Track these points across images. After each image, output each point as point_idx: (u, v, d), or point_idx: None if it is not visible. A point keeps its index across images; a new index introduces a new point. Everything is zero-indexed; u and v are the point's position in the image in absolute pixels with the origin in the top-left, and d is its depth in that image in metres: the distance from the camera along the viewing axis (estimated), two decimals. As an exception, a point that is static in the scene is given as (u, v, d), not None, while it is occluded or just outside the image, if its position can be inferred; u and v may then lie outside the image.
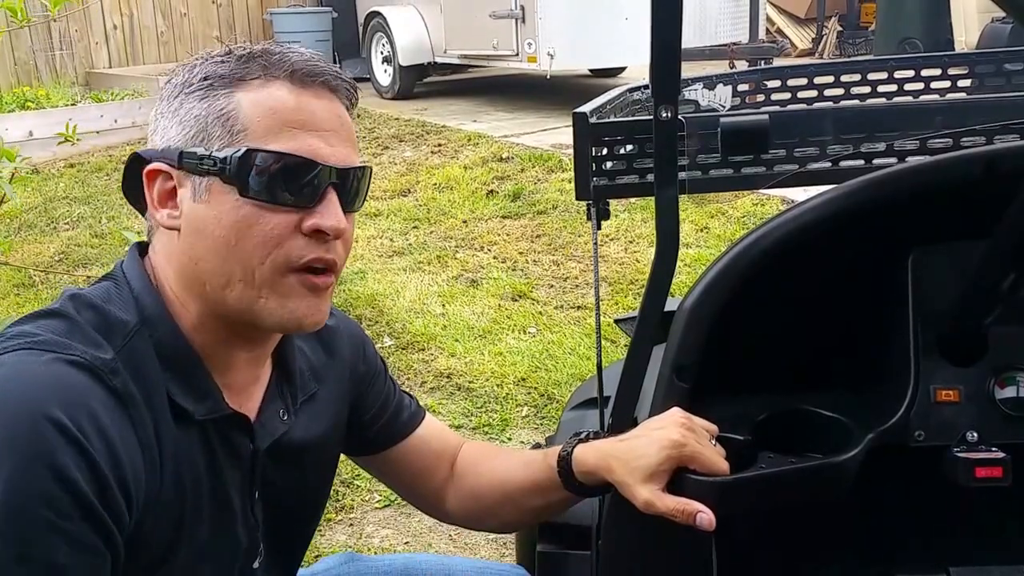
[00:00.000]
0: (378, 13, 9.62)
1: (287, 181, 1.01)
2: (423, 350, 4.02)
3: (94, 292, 1.05)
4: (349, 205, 1.07)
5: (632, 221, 5.26)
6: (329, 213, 1.03)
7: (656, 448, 1.14)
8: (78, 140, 2.94)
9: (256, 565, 1.16)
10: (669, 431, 1.14)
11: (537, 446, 1.86)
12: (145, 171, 1.06)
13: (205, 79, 1.04)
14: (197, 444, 1.05)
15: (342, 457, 1.40)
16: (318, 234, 1.03)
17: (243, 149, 1.00)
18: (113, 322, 1.01)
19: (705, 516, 1.10)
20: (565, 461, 1.27)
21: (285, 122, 1.02)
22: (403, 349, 4.03)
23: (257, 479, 1.14)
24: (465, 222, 5.59)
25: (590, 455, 1.24)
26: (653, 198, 1.23)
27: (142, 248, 1.12)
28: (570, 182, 1.39)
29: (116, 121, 8.01)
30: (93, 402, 0.92)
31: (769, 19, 11.31)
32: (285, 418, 1.17)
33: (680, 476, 1.14)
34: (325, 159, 1.03)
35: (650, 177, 1.31)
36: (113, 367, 0.96)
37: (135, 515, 0.95)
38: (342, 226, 1.04)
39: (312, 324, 1.07)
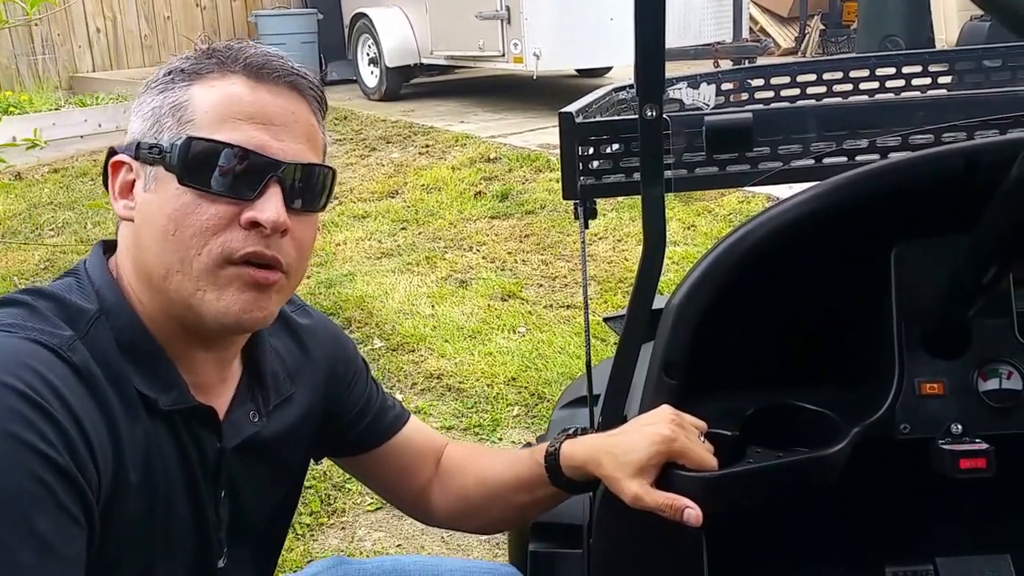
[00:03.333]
0: (364, 15, 9.61)
1: (226, 171, 1.00)
2: (413, 351, 4.02)
3: (54, 285, 1.05)
4: (299, 202, 1.05)
5: (620, 220, 5.27)
6: (268, 207, 1.01)
7: (646, 443, 1.14)
8: (46, 143, 2.92)
9: (221, 564, 1.15)
10: (659, 427, 1.15)
11: (528, 446, 1.86)
12: (110, 163, 1.08)
13: (168, 74, 1.06)
14: (166, 435, 1.04)
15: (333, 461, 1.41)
16: (256, 227, 1.01)
17: (184, 137, 1.01)
18: (72, 309, 1.01)
19: (693, 512, 1.10)
20: (552, 456, 1.27)
21: (232, 114, 1.02)
22: (393, 351, 4.04)
23: (223, 478, 1.13)
24: (453, 223, 5.60)
25: (579, 450, 1.24)
26: (639, 197, 1.24)
27: (107, 246, 1.12)
28: (558, 182, 1.40)
29: (100, 125, 7.99)
30: (49, 372, 0.92)
31: (752, 18, 11.34)
32: (256, 419, 1.16)
33: (669, 472, 1.15)
34: (269, 152, 1.02)
35: (636, 176, 1.32)
36: (71, 345, 0.96)
37: (101, 484, 0.94)
38: (280, 219, 1.01)
39: (252, 321, 1.04)
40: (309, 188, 1.07)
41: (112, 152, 1.09)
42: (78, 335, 0.98)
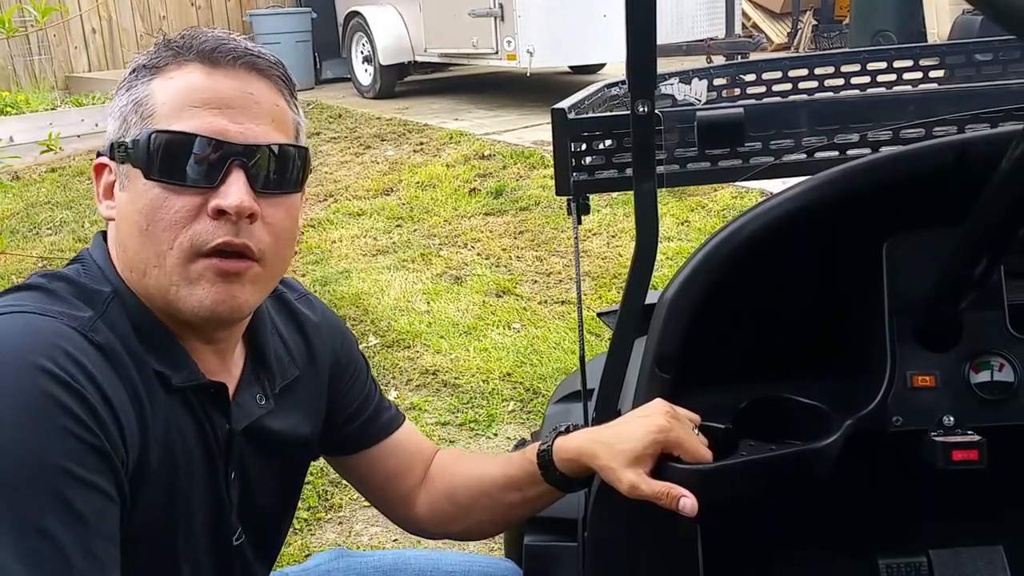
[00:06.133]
0: (358, 13, 9.61)
1: (186, 160, 1.00)
2: (408, 348, 4.02)
3: (64, 270, 1.07)
4: (268, 185, 1.05)
5: (614, 216, 5.28)
6: (230, 192, 1.01)
7: (642, 433, 1.15)
8: (60, 148, 2.95)
9: (237, 542, 1.17)
10: (654, 418, 1.16)
11: (522, 441, 1.86)
12: (93, 166, 1.10)
13: (132, 72, 1.07)
14: (184, 412, 1.06)
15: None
16: (223, 215, 1.01)
17: (146, 132, 1.01)
18: (88, 291, 1.03)
19: (688, 501, 1.11)
20: (545, 452, 1.26)
21: (189, 102, 1.02)
22: (388, 347, 4.04)
23: (233, 459, 1.14)
24: (448, 220, 5.60)
25: (572, 443, 1.24)
26: (632, 192, 1.24)
27: (106, 236, 1.13)
28: (551, 178, 1.40)
29: (97, 125, 7.97)
30: (76, 351, 0.94)
31: (745, 14, 11.33)
32: (263, 402, 1.17)
33: (663, 464, 1.15)
34: (227, 136, 1.01)
35: (629, 171, 1.33)
36: (93, 325, 0.98)
37: (130, 461, 0.96)
38: (244, 204, 1.01)
39: (228, 311, 1.04)
40: (276, 169, 1.06)
41: (97, 155, 1.10)
42: (97, 314, 1.00)
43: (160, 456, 1.01)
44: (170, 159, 1.00)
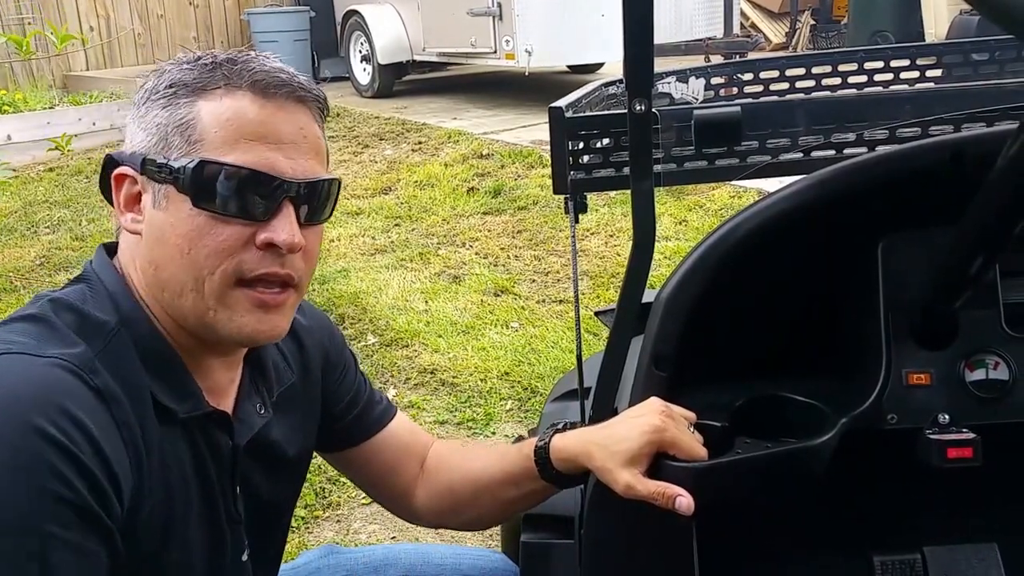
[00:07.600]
0: (356, 12, 9.61)
1: (240, 194, 1.00)
2: (407, 347, 4.03)
3: (70, 295, 1.05)
4: (310, 218, 1.06)
5: (612, 215, 5.28)
6: (283, 227, 1.02)
7: (637, 433, 1.15)
8: (70, 150, 2.96)
9: (244, 558, 1.18)
10: (649, 417, 1.16)
11: (520, 439, 1.87)
12: (113, 175, 1.07)
13: (170, 87, 1.04)
14: (182, 442, 1.06)
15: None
16: (271, 248, 1.02)
17: (197, 160, 1.00)
18: (93, 323, 1.01)
19: (684, 500, 1.11)
20: (542, 450, 1.27)
21: (242, 134, 1.01)
22: (387, 346, 4.04)
23: (238, 475, 1.14)
24: (446, 219, 5.60)
25: (569, 443, 1.25)
26: (630, 191, 1.25)
27: (109, 249, 1.11)
28: (550, 178, 1.40)
29: (94, 124, 7.98)
30: (73, 403, 0.92)
31: (743, 14, 11.35)
32: (263, 412, 1.18)
33: (658, 463, 1.16)
34: (282, 173, 1.02)
35: (626, 170, 1.33)
36: (92, 367, 0.97)
37: (124, 510, 0.96)
38: (295, 240, 1.02)
39: (267, 338, 1.07)
40: (318, 203, 1.07)
41: (111, 160, 1.08)
42: (97, 351, 0.99)
43: (157, 493, 1.01)
44: (222, 190, 1.00)
